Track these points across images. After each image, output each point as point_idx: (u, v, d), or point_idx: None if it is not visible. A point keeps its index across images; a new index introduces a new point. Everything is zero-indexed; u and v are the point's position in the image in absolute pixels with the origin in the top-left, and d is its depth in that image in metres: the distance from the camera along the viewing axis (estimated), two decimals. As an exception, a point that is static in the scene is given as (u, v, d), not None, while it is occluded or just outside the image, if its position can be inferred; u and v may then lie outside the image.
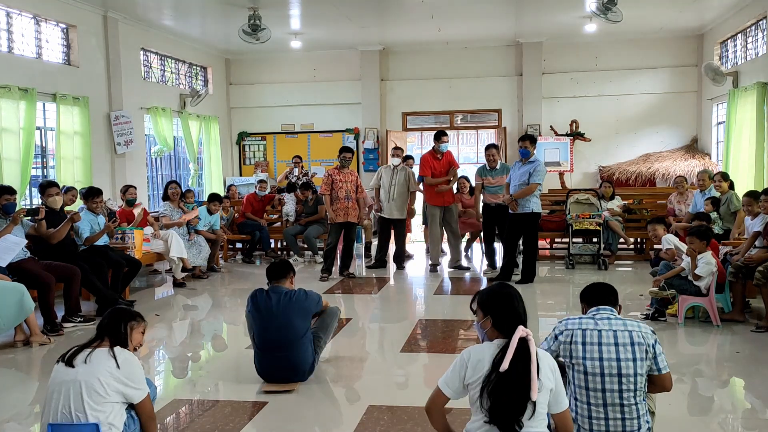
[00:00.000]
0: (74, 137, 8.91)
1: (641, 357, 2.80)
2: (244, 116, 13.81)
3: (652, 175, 11.69)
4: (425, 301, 7.27)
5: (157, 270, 9.02)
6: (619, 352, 2.79)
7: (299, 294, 4.25)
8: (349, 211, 8.07)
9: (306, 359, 4.21)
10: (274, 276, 4.31)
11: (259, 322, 4.18)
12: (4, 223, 5.69)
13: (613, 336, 2.82)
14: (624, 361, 2.78)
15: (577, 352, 2.83)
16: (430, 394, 2.65)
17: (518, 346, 2.45)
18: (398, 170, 8.71)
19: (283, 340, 4.12)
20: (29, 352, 5.22)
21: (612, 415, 2.79)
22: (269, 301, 4.16)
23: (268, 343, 4.17)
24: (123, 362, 2.76)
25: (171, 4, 10.00)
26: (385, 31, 11.75)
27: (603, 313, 2.92)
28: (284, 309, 4.13)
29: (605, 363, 2.78)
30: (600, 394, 2.80)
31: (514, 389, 2.40)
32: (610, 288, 3.10)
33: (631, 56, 12.43)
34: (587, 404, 2.82)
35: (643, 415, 2.82)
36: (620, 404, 2.78)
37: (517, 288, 2.72)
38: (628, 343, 2.80)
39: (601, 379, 2.79)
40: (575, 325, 2.88)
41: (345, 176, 8.13)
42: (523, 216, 7.38)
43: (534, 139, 7.54)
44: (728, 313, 5.73)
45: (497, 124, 13.09)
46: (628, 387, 2.78)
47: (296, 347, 4.15)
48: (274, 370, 4.20)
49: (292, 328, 4.12)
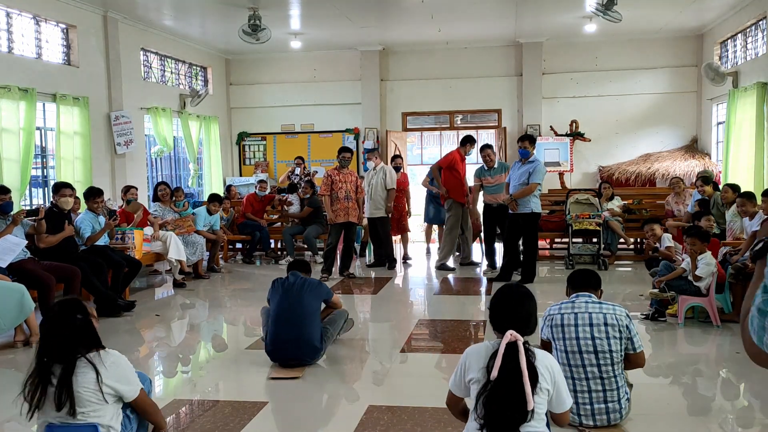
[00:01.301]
0: (74, 137, 8.91)
1: (614, 335, 3.18)
2: (244, 116, 13.81)
3: (651, 176, 11.69)
4: (425, 301, 7.27)
5: (157, 270, 9.02)
6: (594, 332, 3.18)
7: (313, 280, 4.83)
8: (349, 211, 8.07)
9: (313, 337, 4.52)
10: (294, 269, 4.90)
11: (276, 298, 4.67)
12: (3, 224, 5.69)
13: (588, 317, 3.21)
14: (598, 340, 3.18)
15: (558, 333, 3.24)
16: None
17: (507, 351, 2.40)
18: (377, 171, 8.76)
19: (295, 314, 4.51)
20: (29, 353, 5.21)
21: (594, 387, 3.21)
22: (287, 281, 4.74)
23: (281, 316, 4.52)
24: (110, 366, 2.67)
25: (171, 4, 10.01)
26: (385, 31, 11.75)
27: (581, 298, 3.31)
28: (299, 288, 4.65)
29: (581, 342, 3.19)
30: (581, 369, 3.20)
31: (508, 398, 2.35)
32: (594, 274, 3.51)
33: (631, 56, 12.43)
34: (572, 379, 3.20)
35: (621, 387, 3.24)
36: (600, 377, 3.19)
37: (525, 286, 2.71)
38: (601, 324, 3.19)
39: (580, 356, 3.20)
40: (555, 310, 3.31)
41: (345, 176, 8.13)
42: (523, 216, 7.38)
43: (533, 139, 7.53)
44: (728, 314, 5.72)
45: (497, 124, 13.09)
46: (606, 362, 3.18)
47: (306, 323, 4.51)
48: (283, 344, 4.47)
49: (303, 304, 4.57)
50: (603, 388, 3.20)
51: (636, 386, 4.08)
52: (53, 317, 2.70)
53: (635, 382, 3.66)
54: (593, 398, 3.20)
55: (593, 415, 3.23)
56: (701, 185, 7.95)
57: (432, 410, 3.72)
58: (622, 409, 3.26)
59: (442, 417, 3.58)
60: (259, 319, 6.33)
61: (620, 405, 3.25)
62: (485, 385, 2.40)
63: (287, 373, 4.39)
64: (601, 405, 3.21)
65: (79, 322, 2.68)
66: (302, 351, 4.48)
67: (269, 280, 8.32)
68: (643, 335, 5.41)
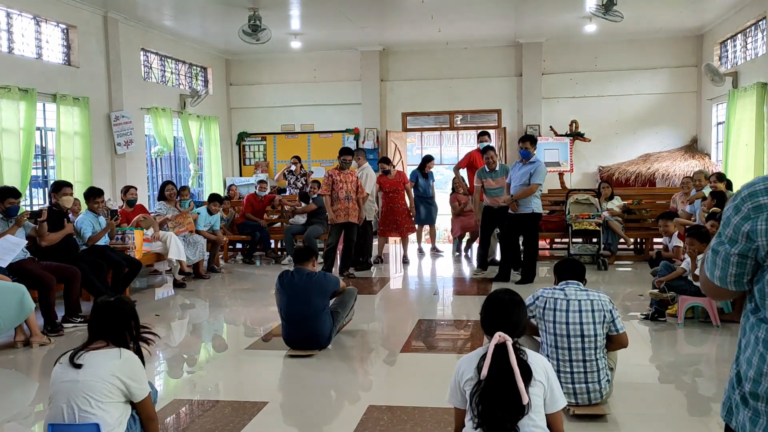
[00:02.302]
0: (74, 138, 8.91)
1: (600, 321, 3.44)
2: (244, 116, 13.82)
3: (651, 176, 11.69)
4: (425, 301, 7.27)
5: (157, 270, 9.02)
6: (582, 317, 3.43)
7: (319, 275, 4.95)
8: (349, 211, 8.04)
9: (324, 331, 4.88)
10: (299, 260, 5.04)
11: (284, 298, 4.86)
12: (6, 225, 5.70)
13: (578, 304, 3.45)
14: (585, 324, 3.42)
15: (549, 317, 3.48)
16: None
17: (496, 352, 2.44)
18: (361, 173, 8.73)
19: (304, 314, 4.79)
20: (29, 353, 5.22)
21: (576, 369, 3.46)
22: (293, 279, 4.87)
23: (291, 316, 4.84)
24: (126, 359, 2.76)
25: (171, 5, 10.01)
26: (385, 31, 11.75)
27: (571, 286, 3.55)
28: (305, 287, 4.82)
29: (570, 326, 3.43)
30: (567, 351, 3.45)
31: (500, 396, 2.38)
32: (579, 264, 3.77)
33: (631, 56, 12.43)
34: (556, 360, 3.46)
35: (602, 369, 3.48)
36: (583, 360, 3.45)
37: (518, 293, 2.72)
38: (589, 310, 3.44)
39: (567, 340, 3.44)
40: (549, 294, 3.53)
41: (345, 177, 8.11)
42: (524, 216, 7.37)
43: (535, 140, 7.51)
44: (728, 314, 5.72)
45: (497, 124, 13.09)
46: (590, 346, 3.43)
47: (315, 321, 4.82)
48: (297, 338, 4.88)
49: (311, 304, 4.79)
50: (584, 370, 3.45)
51: (636, 386, 4.09)
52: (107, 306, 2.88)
53: (639, 381, 3.64)
54: (575, 379, 3.45)
55: (575, 394, 3.47)
56: (715, 182, 7.93)
57: (432, 410, 3.73)
58: (603, 389, 3.49)
59: (442, 417, 3.59)
60: (259, 319, 6.36)
61: (600, 386, 3.48)
62: (477, 384, 2.43)
63: (303, 352, 4.87)
64: (582, 385, 3.46)
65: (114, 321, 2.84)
66: (315, 343, 4.90)
67: (269, 280, 8.41)
68: (644, 335, 5.42)
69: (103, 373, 2.70)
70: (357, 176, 8.33)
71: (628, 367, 4.59)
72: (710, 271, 1.68)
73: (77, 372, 2.70)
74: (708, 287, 1.74)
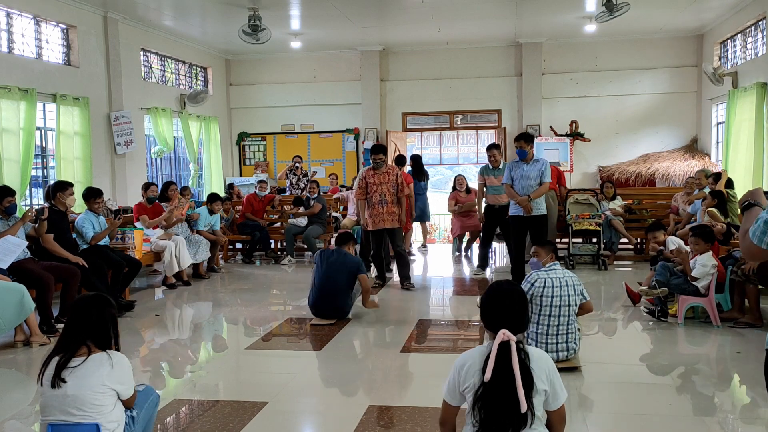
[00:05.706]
0: (74, 138, 8.91)
1: (575, 293, 4.29)
2: (244, 116, 13.82)
3: (651, 176, 11.69)
4: (425, 301, 7.26)
5: (157, 270, 9.01)
6: (566, 291, 4.25)
7: (350, 256, 5.99)
8: (384, 216, 7.27)
9: (345, 306, 5.94)
10: (340, 242, 6.08)
11: (320, 271, 5.89)
12: (6, 225, 5.69)
13: (564, 280, 4.27)
14: (571, 297, 4.26)
15: (548, 293, 4.22)
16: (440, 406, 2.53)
17: (500, 351, 2.31)
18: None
19: (333, 290, 5.84)
20: (29, 353, 5.22)
21: (560, 331, 4.27)
22: (332, 255, 5.94)
23: (322, 288, 5.85)
24: (116, 365, 2.71)
25: (171, 5, 10.01)
26: (385, 31, 11.76)
27: (556, 267, 4.36)
28: (338, 264, 5.87)
29: (563, 298, 4.23)
30: (556, 319, 4.25)
31: (503, 402, 2.28)
32: (553, 244, 4.77)
33: (631, 56, 12.43)
34: (547, 326, 4.25)
35: (575, 331, 4.33)
36: (566, 325, 4.27)
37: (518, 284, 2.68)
38: (569, 285, 4.28)
39: (558, 310, 4.23)
40: (544, 274, 4.28)
41: (381, 177, 7.27)
42: (536, 218, 7.09)
43: (530, 137, 7.12)
44: (727, 311, 5.71)
45: (497, 124, 13.10)
46: (569, 313, 4.27)
47: (340, 296, 5.87)
48: (323, 307, 5.87)
49: (337, 281, 5.84)
50: (566, 332, 4.29)
51: (637, 386, 4.11)
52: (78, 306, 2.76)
53: (639, 381, 3.61)
54: (559, 339, 4.28)
55: (557, 352, 4.25)
56: (713, 183, 8.00)
57: (432, 410, 3.72)
58: (577, 347, 4.36)
59: (442, 417, 3.58)
60: (259, 319, 6.39)
61: (575, 344, 4.34)
62: (480, 388, 2.33)
63: (325, 321, 5.85)
64: (563, 344, 4.28)
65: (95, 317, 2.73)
66: (336, 314, 5.91)
67: (269, 280, 8.43)
68: (644, 335, 5.42)
69: (93, 383, 2.64)
70: (397, 173, 7.48)
71: (628, 366, 4.60)
72: (759, 238, 2.09)
73: (65, 386, 2.63)
74: (753, 251, 2.13)
